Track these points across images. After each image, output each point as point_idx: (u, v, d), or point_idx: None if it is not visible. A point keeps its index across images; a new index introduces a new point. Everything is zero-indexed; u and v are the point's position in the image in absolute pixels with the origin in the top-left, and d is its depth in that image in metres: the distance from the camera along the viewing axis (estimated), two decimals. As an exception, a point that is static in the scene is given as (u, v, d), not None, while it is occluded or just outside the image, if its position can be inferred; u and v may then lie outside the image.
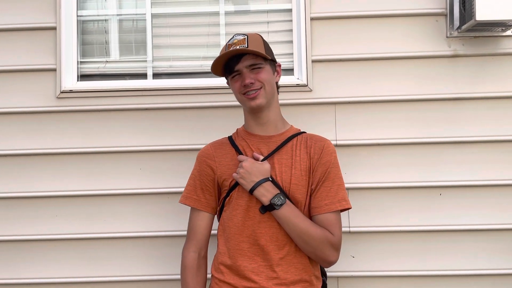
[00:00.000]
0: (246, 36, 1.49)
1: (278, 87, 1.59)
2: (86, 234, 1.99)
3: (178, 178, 1.92)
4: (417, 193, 1.96)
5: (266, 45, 1.54)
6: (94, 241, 2.00)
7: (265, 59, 1.49)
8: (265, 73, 1.48)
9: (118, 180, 2.00)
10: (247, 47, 1.45)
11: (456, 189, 1.96)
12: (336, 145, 1.96)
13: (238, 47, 1.46)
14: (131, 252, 2.00)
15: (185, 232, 1.60)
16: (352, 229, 1.96)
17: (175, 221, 1.96)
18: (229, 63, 1.50)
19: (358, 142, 1.97)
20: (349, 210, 1.93)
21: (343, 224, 1.91)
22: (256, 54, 1.46)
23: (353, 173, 1.96)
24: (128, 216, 2.00)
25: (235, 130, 1.64)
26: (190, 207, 1.58)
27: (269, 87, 1.49)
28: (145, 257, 2.00)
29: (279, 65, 1.59)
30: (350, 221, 1.96)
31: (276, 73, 1.56)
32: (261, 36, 1.55)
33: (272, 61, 1.54)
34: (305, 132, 1.59)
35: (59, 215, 2.00)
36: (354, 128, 1.98)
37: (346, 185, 1.92)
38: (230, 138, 1.60)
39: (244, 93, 1.48)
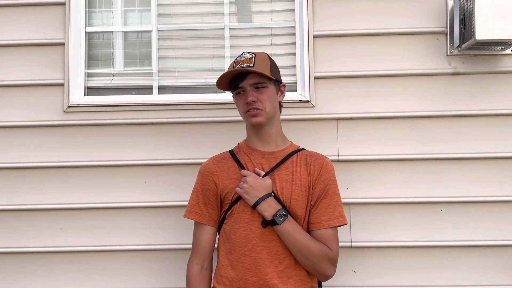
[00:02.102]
0: (254, 55, 1.53)
1: (281, 105, 1.63)
2: (91, 246, 2.01)
3: (183, 192, 1.95)
4: (418, 209, 1.98)
5: (272, 65, 1.58)
6: (99, 253, 2.02)
7: (269, 78, 1.53)
8: (268, 93, 1.52)
9: (123, 193, 2.02)
10: (253, 66, 1.49)
11: (457, 205, 1.98)
12: (338, 161, 1.99)
13: (244, 65, 1.50)
14: (135, 265, 2.02)
15: (189, 246, 1.64)
16: (354, 244, 1.97)
17: (180, 234, 1.98)
18: (234, 79, 1.54)
19: (360, 157, 2.00)
20: (351, 225, 1.97)
21: (345, 239, 1.95)
22: (261, 74, 1.50)
23: (355, 188, 1.99)
24: (132, 229, 2.02)
25: (236, 144, 1.67)
26: (194, 221, 1.61)
27: (270, 108, 1.53)
28: (149, 270, 2.02)
29: (284, 85, 1.63)
30: (352, 236, 1.97)
31: (280, 93, 1.61)
32: (268, 56, 1.59)
33: (277, 81, 1.58)
34: (305, 149, 1.63)
35: (64, 227, 2.02)
36: (356, 143, 2.00)
37: (348, 200, 1.97)
38: (231, 152, 1.63)
39: (247, 110, 1.52)
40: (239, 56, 1.56)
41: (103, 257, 2.02)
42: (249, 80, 1.51)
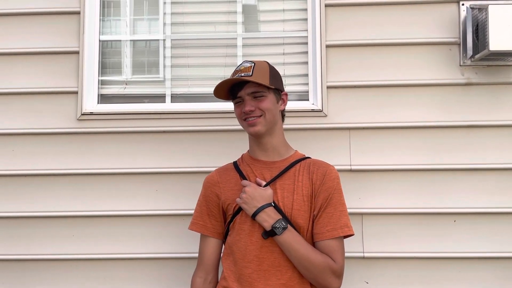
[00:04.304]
0: (253, 64, 1.52)
1: (283, 115, 1.62)
2: (102, 254, 2.01)
3: (194, 201, 1.92)
4: (431, 220, 1.97)
5: (272, 73, 1.55)
6: (110, 261, 2.02)
7: (268, 87, 1.51)
8: (267, 102, 1.50)
9: (135, 201, 2.03)
10: (251, 75, 1.48)
11: (471, 216, 1.96)
12: (351, 170, 1.98)
13: (243, 74, 1.49)
14: (147, 273, 2.01)
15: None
16: (366, 255, 1.96)
17: (190, 243, 1.97)
18: (233, 89, 1.54)
19: (372, 167, 1.99)
20: (363, 235, 1.96)
21: (357, 250, 1.94)
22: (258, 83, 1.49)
23: (367, 198, 1.98)
24: (144, 237, 2.02)
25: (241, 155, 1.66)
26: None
27: (270, 116, 1.51)
28: (160, 278, 2.01)
29: (285, 94, 1.60)
30: (364, 246, 1.96)
31: (281, 102, 1.58)
32: (269, 65, 1.57)
33: (277, 90, 1.55)
34: (310, 158, 1.60)
35: (76, 235, 2.03)
36: (369, 153, 2.00)
37: (361, 210, 1.96)
38: (235, 163, 1.63)
39: (244, 119, 1.52)
40: (239, 65, 1.56)
41: (114, 265, 2.02)
42: (247, 90, 1.50)
